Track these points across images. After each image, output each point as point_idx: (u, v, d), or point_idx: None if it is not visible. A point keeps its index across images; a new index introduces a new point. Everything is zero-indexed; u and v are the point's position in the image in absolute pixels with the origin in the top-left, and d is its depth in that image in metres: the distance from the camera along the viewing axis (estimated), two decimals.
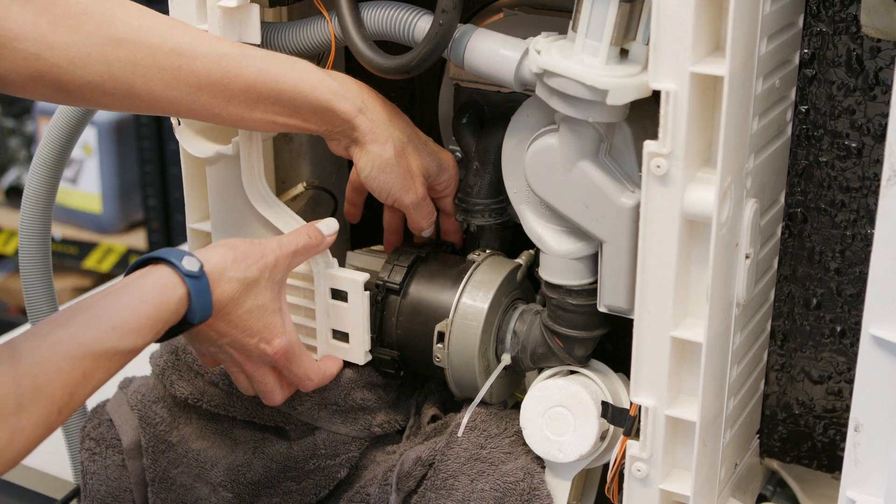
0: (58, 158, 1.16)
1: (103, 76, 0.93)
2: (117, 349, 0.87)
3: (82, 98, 0.95)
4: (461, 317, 1.05)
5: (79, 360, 0.84)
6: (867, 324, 0.85)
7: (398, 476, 1.05)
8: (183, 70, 0.95)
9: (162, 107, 0.97)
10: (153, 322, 0.90)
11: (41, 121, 2.83)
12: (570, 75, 0.89)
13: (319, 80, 0.99)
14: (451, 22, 0.95)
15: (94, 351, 0.85)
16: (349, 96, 1.00)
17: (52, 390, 0.82)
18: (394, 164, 1.03)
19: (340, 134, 1.02)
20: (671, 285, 0.90)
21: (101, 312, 0.88)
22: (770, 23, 0.91)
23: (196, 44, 0.96)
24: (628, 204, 0.94)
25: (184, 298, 0.92)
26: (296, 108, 0.99)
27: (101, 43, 0.92)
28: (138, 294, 0.90)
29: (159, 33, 0.94)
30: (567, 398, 1.00)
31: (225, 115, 0.98)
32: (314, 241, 1.03)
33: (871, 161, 0.98)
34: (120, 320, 0.88)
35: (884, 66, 0.95)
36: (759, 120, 0.93)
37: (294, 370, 1.03)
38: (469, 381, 1.06)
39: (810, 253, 1.03)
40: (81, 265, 2.80)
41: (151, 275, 0.92)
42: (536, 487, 1.02)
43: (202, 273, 0.93)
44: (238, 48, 0.98)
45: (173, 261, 0.92)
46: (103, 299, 0.89)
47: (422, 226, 1.08)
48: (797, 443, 1.10)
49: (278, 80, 0.97)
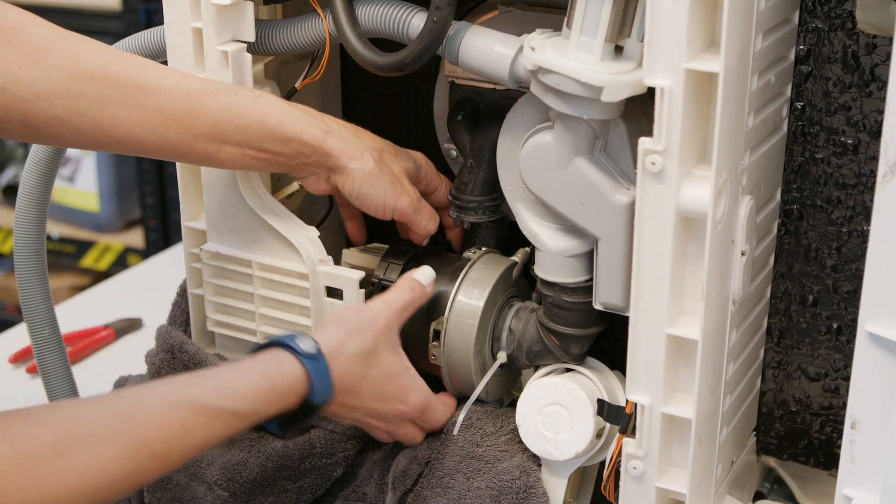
0: (52, 156, 1.16)
1: (69, 111, 0.93)
2: (220, 407, 0.86)
3: (48, 134, 0.94)
4: (457, 314, 1.05)
5: (178, 408, 0.84)
6: (863, 320, 0.85)
7: (394, 475, 1.05)
8: (148, 107, 0.94)
9: (130, 145, 0.96)
10: (263, 391, 0.89)
11: None
12: (564, 72, 0.89)
13: (282, 110, 0.99)
14: (445, 19, 0.95)
15: (196, 403, 0.85)
16: (313, 122, 1.00)
17: (145, 431, 0.81)
18: (378, 174, 1.02)
19: (315, 165, 1.02)
20: (667, 282, 0.90)
21: (208, 374, 0.89)
22: (765, 19, 0.91)
23: (161, 80, 0.95)
24: (623, 201, 0.93)
25: (301, 377, 0.92)
26: (262, 141, 0.98)
27: (66, 78, 0.92)
28: (250, 364, 0.91)
29: (124, 70, 0.94)
30: (563, 396, 1.00)
31: (193, 154, 0.98)
32: (417, 294, 1.03)
33: (867, 157, 0.98)
34: (227, 381, 0.88)
35: (879, 62, 0.95)
36: (754, 116, 0.93)
37: (429, 419, 1.04)
38: (465, 379, 1.06)
39: (806, 250, 1.03)
40: (79, 264, 2.80)
41: (266, 353, 0.92)
42: (532, 485, 1.02)
43: (319, 354, 0.93)
44: (204, 84, 0.98)
45: (288, 342, 0.92)
46: (216, 367, 0.90)
47: (428, 228, 1.08)
48: (794, 440, 1.09)
49: (242, 115, 0.97)
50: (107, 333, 1.51)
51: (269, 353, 0.92)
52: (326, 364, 0.93)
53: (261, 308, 1.12)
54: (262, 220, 1.08)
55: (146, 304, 1.58)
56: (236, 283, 1.12)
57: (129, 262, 2.72)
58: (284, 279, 1.09)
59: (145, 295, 1.62)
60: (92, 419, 0.80)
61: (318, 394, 0.92)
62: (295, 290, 1.09)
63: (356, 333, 0.97)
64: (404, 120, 1.21)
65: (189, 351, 1.09)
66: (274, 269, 1.09)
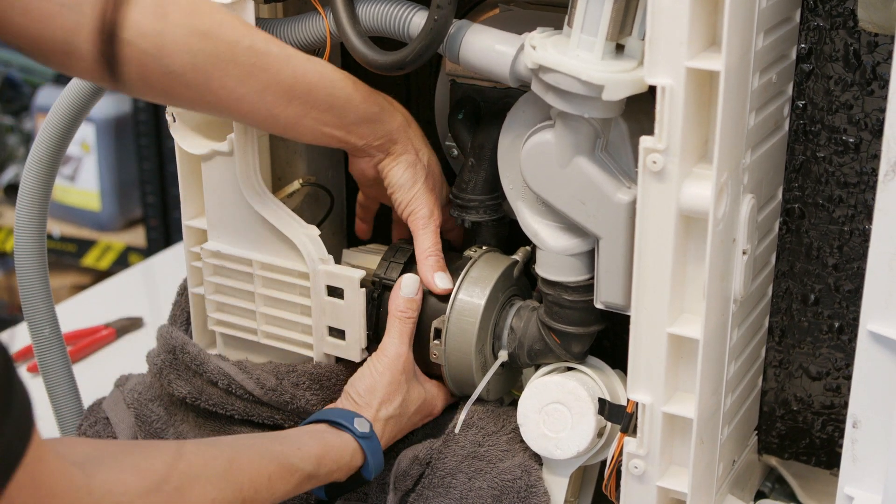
0: (53, 155, 1.16)
1: (185, 66, 0.94)
2: (297, 468, 0.95)
3: (159, 89, 0.96)
4: (458, 313, 1.05)
5: (268, 461, 0.92)
6: (865, 320, 0.84)
7: (395, 475, 1.05)
8: (256, 67, 0.97)
9: (228, 105, 0.98)
10: (330, 460, 0.98)
11: (39, 118, 2.82)
12: (565, 71, 0.89)
13: (368, 93, 1.04)
14: (446, 18, 0.95)
15: (281, 461, 0.94)
16: (394, 111, 1.05)
17: (241, 478, 0.89)
18: (422, 176, 1.07)
19: (377, 149, 1.06)
20: (668, 281, 0.90)
21: (289, 434, 0.99)
22: (766, 17, 0.90)
23: (269, 43, 0.98)
24: (624, 200, 0.93)
25: (358, 454, 1.01)
26: (344, 114, 1.02)
27: (186, 33, 0.93)
28: (317, 433, 1.00)
29: (238, 30, 0.96)
30: (564, 395, 1.00)
31: (282, 118, 1.00)
32: (415, 313, 1.06)
33: (869, 156, 0.97)
34: (303, 444, 0.97)
35: (881, 60, 0.94)
36: (755, 115, 0.93)
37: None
38: (466, 377, 1.06)
39: (808, 248, 1.03)
40: (80, 263, 2.80)
41: (330, 431, 1.01)
42: (534, 484, 1.02)
43: (372, 433, 1.02)
44: (302, 54, 1.00)
45: (345, 423, 1.01)
46: (291, 430, 1.01)
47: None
48: (795, 439, 1.09)
49: (336, 87, 1.01)
50: (107, 332, 1.51)
51: (330, 430, 1.01)
52: (378, 441, 1.03)
53: (261, 307, 1.11)
54: (262, 218, 1.08)
55: (147, 303, 1.58)
56: (237, 282, 1.12)
57: (131, 261, 2.72)
58: (285, 278, 1.09)
59: (146, 294, 1.62)
60: (201, 460, 0.87)
61: (371, 469, 1.02)
62: (296, 288, 1.09)
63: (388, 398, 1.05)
64: None
65: (191, 352, 1.09)
66: (275, 267, 1.09)
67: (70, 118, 1.17)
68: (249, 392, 1.07)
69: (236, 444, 0.93)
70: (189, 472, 0.85)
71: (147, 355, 1.14)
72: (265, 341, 1.13)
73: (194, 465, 0.86)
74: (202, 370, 1.09)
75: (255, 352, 1.15)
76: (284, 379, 1.08)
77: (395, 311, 1.06)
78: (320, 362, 1.11)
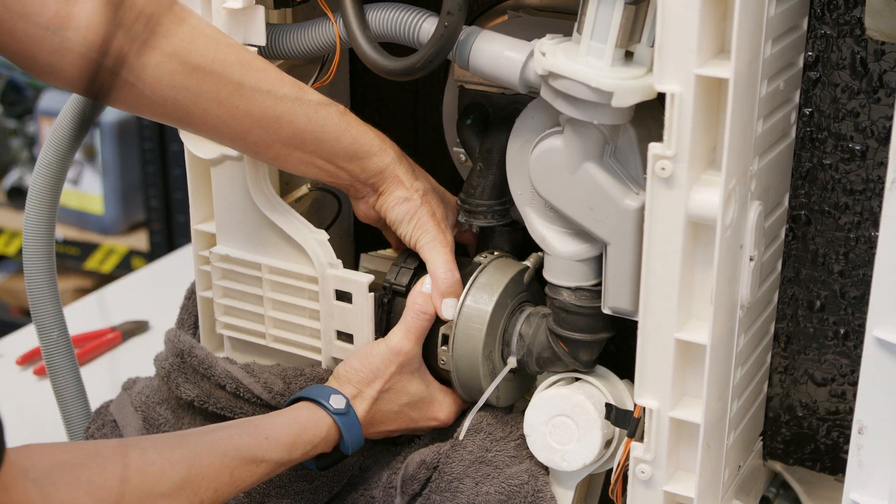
0: (61, 160, 1.16)
1: (167, 99, 0.95)
2: (264, 458, 0.96)
3: (141, 111, 0.97)
4: (465, 319, 1.05)
5: (231, 458, 0.93)
6: (871, 326, 0.85)
7: (402, 479, 1.05)
8: (240, 110, 0.97)
9: (210, 134, 1.01)
10: (302, 443, 0.99)
11: (43, 122, 2.83)
12: (575, 77, 0.89)
13: (361, 132, 1.04)
14: (456, 24, 0.95)
15: (245, 454, 0.94)
16: (385, 148, 1.05)
17: (199, 484, 0.90)
18: (418, 207, 1.06)
19: (370, 187, 1.06)
20: (675, 287, 0.90)
21: (258, 422, 0.99)
22: (775, 25, 0.91)
23: (259, 83, 0.98)
24: (633, 206, 0.94)
25: (333, 430, 1.02)
26: (334, 155, 1.03)
27: (174, 69, 0.94)
28: (292, 416, 1.00)
29: (228, 68, 0.96)
30: (571, 408, 1.00)
31: (264, 154, 1.02)
32: (431, 313, 1.06)
33: (875, 164, 0.98)
34: (273, 433, 0.97)
35: (888, 68, 0.95)
36: (763, 122, 0.94)
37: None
38: (474, 384, 1.06)
39: (814, 255, 1.03)
40: (83, 266, 2.80)
41: (304, 409, 1.01)
42: (541, 490, 1.02)
43: (349, 407, 1.02)
44: (296, 91, 1.00)
45: (321, 400, 1.02)
46: (264, 416, 1.01)
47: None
48: (801, 445, 1.10)
49: (325, 129, 1.01)
50: (113, 336, 1.52)
51: (307, 407, 1.02)
52: (356, 417, 1.03)
53: (270, 311, 1.12)
54: (271, 223, 1.09)
55: (152, 307, 1.58)
56: (245, 286, 1.12)
57: (134, 265, 2.72)
58: (294, 282, 1.09)
59: (151, 298, 1.63)
60: (158, 471, 0.88)
61: (348, 444, 1.02)
62: (304, 293, 1.10)
63: (374, 380, 1.04)
64: (413, 124, 1.22)
65: (198, 355, 1.09)
66: (283, 272, 1.10)
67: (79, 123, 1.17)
68: (257, 396, 1.07)
69: (199, 444, 0.93)
70: (143, 487, 0.86)
71: (155, 359, 1.14)
72: (273, 345, 1.13)
73: (150, 477, 0.87)
74: (210, 373, 1.09)
75: (262, 355, 1.15)
76: (292, 383, 1.08)
77: (413, 304, 1.06)
78: (328, 367, 1.11)
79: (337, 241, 1.18)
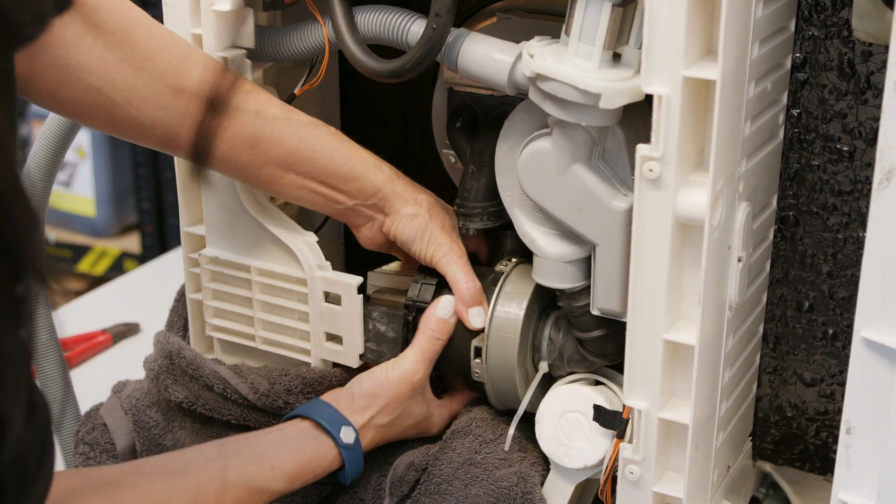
0: (52, 161, 1.16)
1: (154, 121, 0.95)
2: (268, 489, 0.96)
3: (129, 134, 0.98)
4: (497, 329, 1.04)
5: (234, 489, 0.94)
6: (859, 327, 0.85)
7: (391, 481, 1.05)
8: (228, 131, 0.97)
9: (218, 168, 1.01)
10: (305, 473, 0.99)
11: (35, 124, 2.82)
12: (563, 79, 0.90)
13: (354, 151, 1.03)
14: (444, 26, 0.95)
15: (250, 485, 0.95)
16: (380, 166, 1.04)
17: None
18: (427, 221, 1.05)
19: (371, 209, 1.05)
20: (664, 288, 0.90)
21: (263, 450, 0.98)
22: (762, 27, 0.91)
23: (248, 103, 0.98)
24: (621, 207, 0.94)
25: (337, 461, 1.02)
26: (328, 176, 1.02)
27: (160, 90, 0.94)
28: (296, 444, 1.00)
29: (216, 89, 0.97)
30: (589, 408, 1.00)
31: (256, 177, 1.02)
32: (444, 337, 1.05)
33: (863, 164, 0.98)
34: (279, 462, 0.97)
35: (875, 70, 0.95)
36: (751, 124, 0.94)
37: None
38: (510, 392, 1.05)
39: (802, 256, 1.03)
40: (75, 268, 2.80)
41: (311, 436, 1.01)
42: (530, 492, 1.02)
43: (357, 443, 1.02)
44: (285, 112, 1.00)
45: (332, 431, 1.01)
46: (268, 438, 1.00)
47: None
48: (790, 445, 1.10)
49: (316, 149, 1.01)
50: (104, 338, 1.52)
51: (316, 439, 1.01)
52: (361, 450, 1.03)
53: (259, 313, 1.12)
54: (261, 225, 1.09)
55: (143, 309, 1.58)
56: (235, 288, 1.12)
57: (126, 267, 2.72)
58: (283, 284, 1.10)
59: (142, 300, 1.63)
60: (165, 501, 0.89)
61: (348, 476, 1.03)
62: (293, 295, 1.10)
63: (387, 408, 1.04)
64: (402, 126, 1.22)
65: (187, 357, 1.09)
66: (273, 274, 1.10)
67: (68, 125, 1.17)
68: (244, 396, 1.07)
69: (203, 472, 0.93)
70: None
71: (144, 361, 1.14)
72: (263, 347, 1.13)
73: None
74: (198, 374, 1.09)
75: (252, 357, 1.15)
76: (277, 383, 1.08)
77: (426, 328, 1.05)
78: (314, 367, 1.11)
79: (326, 243, 1.18)
